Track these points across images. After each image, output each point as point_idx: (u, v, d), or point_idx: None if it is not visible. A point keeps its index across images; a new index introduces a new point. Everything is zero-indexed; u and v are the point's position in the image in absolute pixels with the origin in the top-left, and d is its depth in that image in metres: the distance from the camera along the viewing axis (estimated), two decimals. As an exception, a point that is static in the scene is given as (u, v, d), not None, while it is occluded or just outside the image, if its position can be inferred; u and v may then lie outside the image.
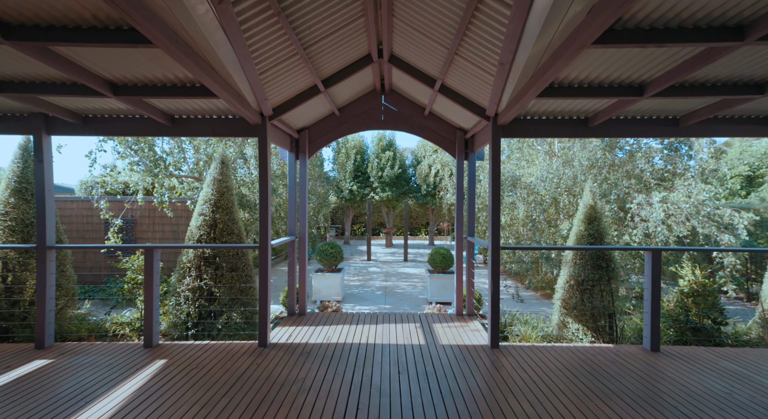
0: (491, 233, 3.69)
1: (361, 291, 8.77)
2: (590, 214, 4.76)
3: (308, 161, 7.90)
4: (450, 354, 3.57)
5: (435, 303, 7.65)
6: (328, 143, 4.92)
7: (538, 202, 8.11)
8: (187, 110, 3.67)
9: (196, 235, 4.47)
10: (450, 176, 12.53)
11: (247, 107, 3.33)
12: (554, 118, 3.81)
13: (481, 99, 3.61)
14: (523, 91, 2.84)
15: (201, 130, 3.78)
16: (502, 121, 3.58)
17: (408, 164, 18.79)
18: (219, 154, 4.75)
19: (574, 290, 4.57)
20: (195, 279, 4.35)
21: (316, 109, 4.54)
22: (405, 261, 13.62)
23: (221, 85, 2.77)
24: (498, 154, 3.68)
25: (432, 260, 7.85)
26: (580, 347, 3.76)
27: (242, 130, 3.79)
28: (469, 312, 4.88)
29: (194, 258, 4.40)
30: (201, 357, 3.44)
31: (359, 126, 4.88)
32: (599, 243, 4.64)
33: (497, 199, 3.69)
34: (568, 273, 4.72)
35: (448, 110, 4.52)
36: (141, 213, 7.69)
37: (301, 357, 3.47)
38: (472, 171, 4.88)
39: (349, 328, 4.31)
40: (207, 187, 4.63)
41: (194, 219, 4.54)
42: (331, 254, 7.75)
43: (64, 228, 7.65)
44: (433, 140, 4.92)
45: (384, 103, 4.86)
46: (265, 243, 3.72)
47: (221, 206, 4.62)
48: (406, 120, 4.87)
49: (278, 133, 4.28)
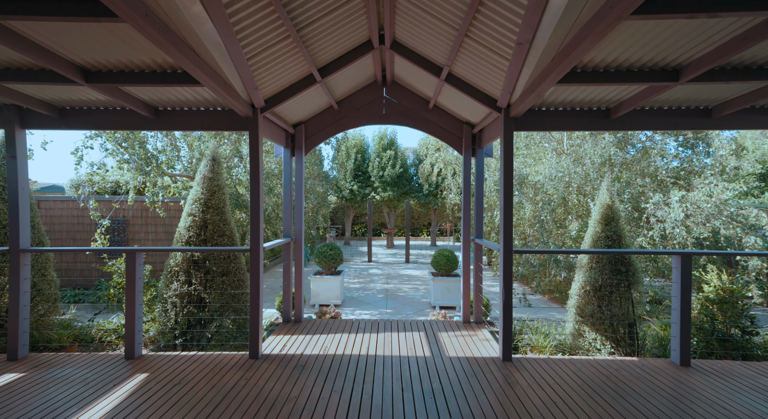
0: (503, 235, 3.38)
1: (361, 295, 8.46)
2: (607, 215, 4.44)
3: (305, 158, 7.57)
4: (458, 367, 3.25)
5: (438, 307, 7.34)
6: (326, 139, 4.62)
7: (546, 201, 7.78)
8: (171, 101, 3.37)
9: (184, 237, 4.17)
10: (453, 175, 12.21)
11: (236, 97, 3.03)
12: (572, 109, 3.49)
13: (492, 88, 3.30)
14: (542, 77, 2.53)
15: (188, 123, 3.48)
16: (515, 112, 3.26)
17: (409, 163, 18.46)
18: (210, 151, 4.46)
19: (591, 296, 4.25)
20: (183, 284, 4.05)
21: (313, 102, 4.24)
22: (407, 263, 13.31)
23: (204, 71, 2.47)
24: (510, 149, 3.37)
25: (435, 262, 7.54)
26: (601, 360, 3.43)
27: (232, 124, 3.49)
28: (477, 319, 4.57)
29: (182, 262, 4.11)
30: (186, 371, 3.14)
31: (359, 120, 4.58)
32: (617, 245, 4.32)
33: (509, 197, 3.38)
34: (584, 279, 4.40)
35: (454, 102, 4.21)
36: (133, 214, 7.40)
37: (296, 371, 3.16)
38: (480, 168, 4.57)
39: (348, 337, 4.01)
40: (197, 185, 4.34)
41: (183, 220, 4.25)
42: (331, 256, 7.44)
43: (53, 229, 7.39)
44: (437, 135, 4.61)
45: (386, 95, 4.56)
46: (256, 245, 3.42)
47: (212, 206, 4.33)
48: (409, 114, 4.56)
49: (272, 128, 3.98)
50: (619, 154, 6.82)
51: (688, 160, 7.33)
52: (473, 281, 4.60)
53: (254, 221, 3.41)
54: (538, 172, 8.83)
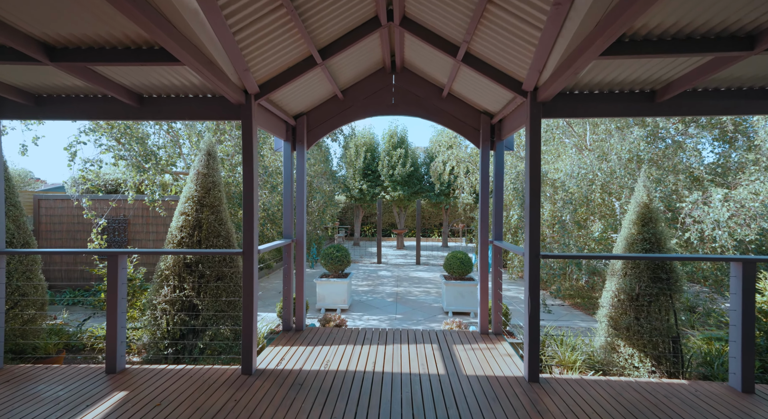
0: (529, 237, 2.94)
1: (370, 298, 8.07)
2: (644, 214, 3.94)
3: (308, 153, 7.18)
4: (477, 389, 2.83)
5: (451, 313, 6.90)
6: (330, 131, 4.24)
7: (567, 200, 7.25)
8: (156, 87, 3.04)
9: (176, 238, 3.85)
10: (466, 173, 11.70)
11: (225, 81, 2.67)
12: (609, 92, 3.02)
13: (516, 68, 2.87)
14: (582, 48, 2.09)
15: (175, 112, 3.15)
16: (544, 96, 2.82)
17: (420, 162, 17.98)
18: (205, 145, 4.13)
19: (626, 307, 3.76)
20: (174, 289, 3.73)
21: (315, 91, 3.87)
22: (417, 265, 12.87)
23: (184, 47, 2.12)
24: (537, 139, 2.93)
25: (448, 265, 7.10)
26: (644, 383, 2.96)
27: (224, 112, 3.14)
28: (495, 330, 4.12)
29: (174, 265, 3.78)
30: (170, 389, 2.79)
31: (366, 111, 4.19)
32: (656, 248, 3.82)
33: (536, 195, 2.94)
34: (617, 286, 3.91)
35: (471, 89, 3.78)
36: (134, 213, 7.19)
37: (292, 391, 2.78)
38: (500, 163, 4.13)
39: (353, 350, 3.62)
40: (190, 181, 4.01)
41: (175, 219, 3.93)
42: (337, 258, 7.07)
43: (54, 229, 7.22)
44: (452, 127, 4.18)
45: (395, 83, 4.16)
46: (250, 248, 3.06)
47: (207, 204, 3.99)
48: (421, 103, 4.15)
49: (269, 118, 3.62)
50: (652, 149, 6.26)
51: (725, 155, 6.71)
52: (492, 287, 4.16)
53: (248, 220, 3.05)
54: (558, 169, 8.29)
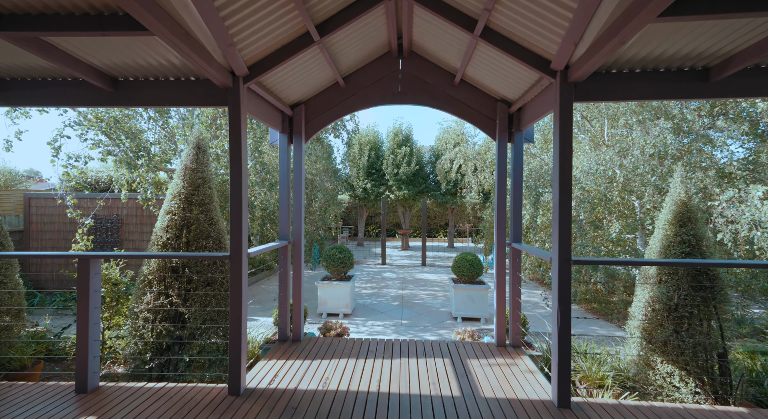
0: (558, 240, 2.54)
1: (374, 302, 7.69)
2: (682, 214, 3.51)
3: (308, 148, 6.83)
4: (499, 416, 2.43)
5: (460, 318, 6.49)
6: (330, 122, 3.86)
7: (583, 199, 6.81)
8: (131, 69, 2.68)
9: (161, 239, 3.49)
10: (474, 172, 11.27)
11: (207, 59, 2.30)
12: (653, 70, 2.60)
13: (545, 43, 2.46)
14: (633, 10, 1.69)
15: (154, 97, 2.78)
16: (577, 75, 2.42)
17: (426, 161, 17.55)
18: (194, 137, 3.77)
19: (664, 318, 3.34)
20: (158, 295, 3.37)
21: (314, 77, 3.49)
22: (423, 266, 12.46)
23: (154, 13, 1.75)
24: (569, 127, 2.52)
25: (457, 268, 6.69)
26: (694, 411, 2.54)
27: (208, 98, 2.77)
28: (514, 342, 3.72)
29: (157, 269, 3.42)
30: (145, 413, 2.43)
31: (370, 99, 3.80)
32: (697, 252, 3.39)
33: (567, 191, 2.53)
34: (651, 294, 3.49)
35: (487, 73, 3.38)
36: (128, 212, 6.88)
37: (284, 417, 2.41)
38: (519, 156, 3.72)
39: (355, 364, 3.23)
40: (177, 177, 3.65)
41: (160, 219, 3.57)
42: (340, 260, 6.70)
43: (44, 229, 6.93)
44: (465, 116, 3.78)
45: (402, 69, 3.77)
46: (238, 251, 2.69)
47: (196, 202, 3.64)
48: (431, 91, 3.76)
49: (262, 106, 3.25)
50: (676, 144, 5.81)
51: (757, 150, 6.23)
52: (510, 295, 3.76)
53: (236, 220, 2.68)
54: (574, 166, 7.85)
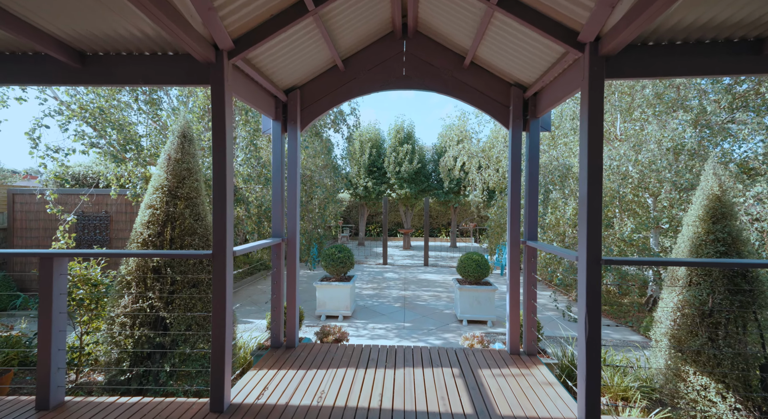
0: (586, 238, 2.21)
1: (375, 304, 7.37)
2: (715, 209, 3.19)
3: (306, 142, 6.51)
4: (520, 441, 2.11)
5: (466, 321, 6.17)
6: (329, 109, 3.54)
7: (595, 196, 6.48)
8: (101, 41, 2.36)
9: (141, 236, 3.18)
10: (478, 169, 10.93)
11: (184, 26, 1.98)
12: (697, 42, 2.27)
13: (573, 11, 2.14)
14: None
15: (126, 74, 2.47)
16: (609, 47, 2.09)
17: (428, 159, 17.22)
18: (179, 125, 3.45)
19: (696, 325, 3.01)
20: (137, 298, 3.05)
21: (310, 56, 3.17)
22: (425, 266, 12.14)
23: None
24: (599, 107, 2.20)
25: (463, 268, 6.36)
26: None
27: (189, 76, 2.46)
28: (528, 349, 3.39)
29: (137, 269, 3.11)
30: (112, 435, 2.12)
31: (372, 84, 3.48)
32: (732, 251, 3.06)
33: (597, 181, 2.21)
34: (681, 298, 3.16)
35: (502, 53, 3.06)
36: (117, 209, 6.57)
37: (272, 440, 2.09)
38: (534, 146, 3.39)
39: (354, 375, 2.91)
40: (159, 168, 3.34)
41: (140, 214, 3.26)
42: (339, 259, 6.38)
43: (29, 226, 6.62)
44: (475, 103, 3.46)
45: (406, 51, 3.45)
46: (222, 249, 2.37)
47: (181, 196, 3.32)
48: (438, 75, 3.43)
49: (252, 88, 2.93)
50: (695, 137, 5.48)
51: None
52: (524, 298, 3.43)
53: (219, 215, 2.36)
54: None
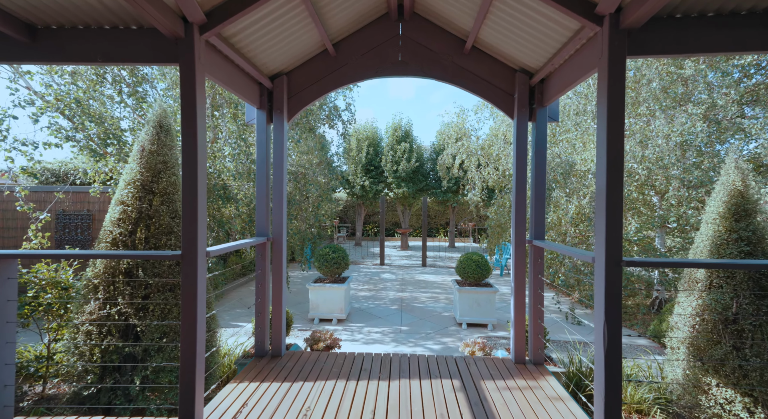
0: (605, 235, 1.95)
1: (371, 306, 7.09)
2: (738, 206, 2.93)
3: (295, 134, 6.22)
4: (532, 468, 1.84)
5: (465, 324, 5.90)
6: (318, 97, 3.27)
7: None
8: (54, 13, 2.07)
9: (110, 235, 2.89)
10: (477, 167, 10.66)
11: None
12: (732, 13, 2.01)
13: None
14: None
15: (83, 51, 2.18)
16: (632, 19, 1.83)
17: (426, 157, 16.94)
18: (155, 114, 3.16)
19: (719, 331, 2.75)
20: (104, 304, 2.76)
21: (296, 38, 2.89)
22: (423, 267, 11.87)
23: None
24: (621, 87, 1.93)
25: (462, 269, 6.10)
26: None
27: (155, 53, 2.17)
28: (535, 358, 3.13)
29: (104, 272, 2.82)
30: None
31: (365, 70, 3.21)
32: (758, 251, 2.81)
33: (617, 170, 1.94)
34: (700, 302, 2.91)
35: (506, 34, 2.79)
36: (100, 208, 6.27)
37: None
38: (541, 136, 3.13)
39: (345, 388, 2.64)
40: (132, 161, 3.05)
41: (111, 210, 2.97)
42: (333, 260, 6.10)
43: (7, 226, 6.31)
44: (477, 91, 3.19)
45: (402, 34, 3.18)
46: (192, 249, 2.09)
47: (156, 192, 3.04)
48: (437, 60, 3.17)
49: (232, 72, 2.65)
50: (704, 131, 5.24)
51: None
52: (530, 302, 3.17)
53: (189, 209, 2.08)
54: (585, 159, 7.27)
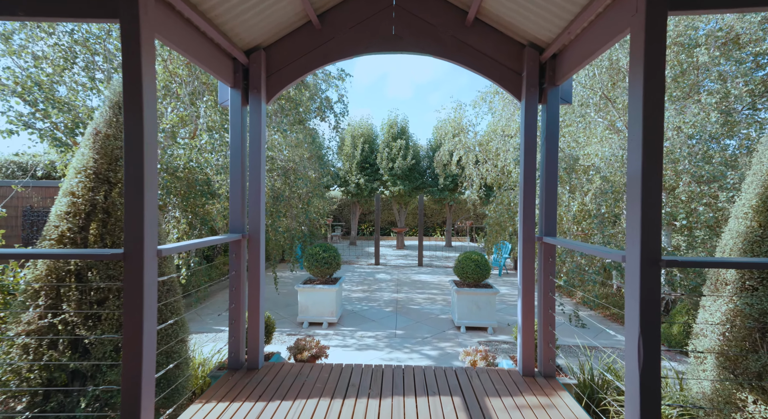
0: (640, 230, 1.59)
1: (364, 308, 6.72)
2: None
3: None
4: None
5: (464, 328, 5.55)
6: (301, 76, 2.88)
7: (605, 190, 5.92)
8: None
9: (57, 230, 2.49)
10: (475, 164, 10.31)
11: None
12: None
13: None
14: None
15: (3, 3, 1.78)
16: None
17: (423, 155, 16.57)
18: (113, 92, 2.76)
19: (756, 340, 2.41)
20: (46, 311, 2.36)
21: (275, 4, 2.51)
22: (420, 267, 11.52)
23: None
24: (661, 51, 1.58)
25: (460, 269, 5.75)
26: None
27: (89, 6, 1.77)
28: (546, 370, 2.77)
29: (47, 274, 2.42)
30: None
31: (355, 46, 2.83)
32: (797, 250, 2.48)
33: (655, 152, 1.59)
34: (731, 307, 2.57)
35: (514, 3, 2.42)
36: (71, 203, 5.83)
37: None
38: (553, 120, 2.77)
39: (328, 408, 2.26)
40: (84, 147, 2.64)
41: (57, 203, 2.57)
42: (324, 260, 5.72)
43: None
44: (480, 69, 2.83)
45: (396, 4, 2.81)
46: (138, 248, 1.70)
47: (114, 182, 2.64)
48: (435, 34, 2.80)
49: (198, 42, 2.26)
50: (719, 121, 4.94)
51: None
52: (540, 307, 2.81)
53: (132, 199, 1.69)
54: (589, 154, 6.96)
